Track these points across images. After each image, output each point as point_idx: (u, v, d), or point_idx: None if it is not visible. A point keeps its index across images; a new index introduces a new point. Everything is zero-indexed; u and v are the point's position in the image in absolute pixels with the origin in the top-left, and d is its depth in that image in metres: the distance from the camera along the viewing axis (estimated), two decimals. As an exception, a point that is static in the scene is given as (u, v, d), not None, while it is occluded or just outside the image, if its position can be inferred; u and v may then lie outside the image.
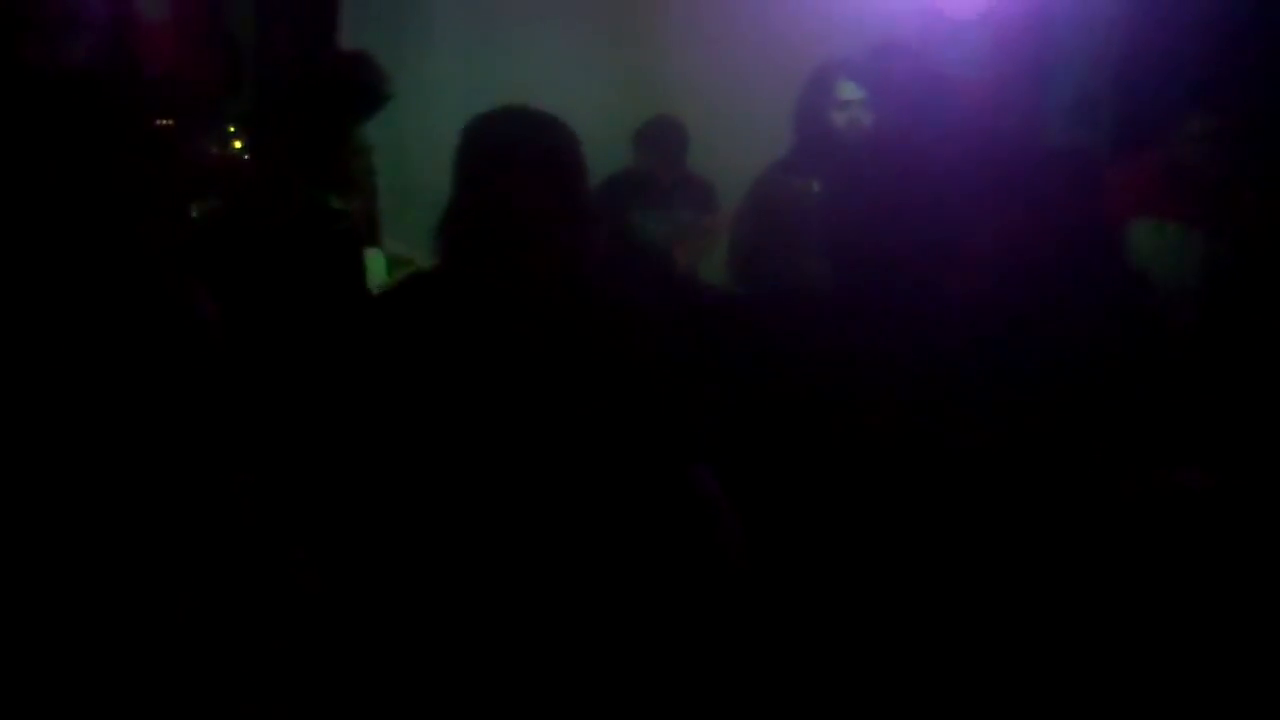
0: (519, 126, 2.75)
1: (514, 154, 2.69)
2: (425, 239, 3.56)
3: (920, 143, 4.11)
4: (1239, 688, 2.55)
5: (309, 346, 3.30)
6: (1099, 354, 3.24)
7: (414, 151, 4.99)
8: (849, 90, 4.31)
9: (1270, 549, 2.68)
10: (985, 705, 2.52)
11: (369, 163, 4.18)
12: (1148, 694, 2.55)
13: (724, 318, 3.37)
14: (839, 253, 3.18)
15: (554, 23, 6.03)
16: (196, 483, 2.52)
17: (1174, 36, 5.03)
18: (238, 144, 5.25)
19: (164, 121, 5.41)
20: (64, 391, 2.49)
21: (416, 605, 2.42)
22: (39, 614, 2.40)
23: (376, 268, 4.68)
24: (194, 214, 4.35)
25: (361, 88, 4.30)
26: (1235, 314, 3.86)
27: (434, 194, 4.98)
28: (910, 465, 2.64)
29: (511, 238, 2.60)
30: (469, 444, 2.44)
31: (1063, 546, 2.64)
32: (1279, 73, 4.67)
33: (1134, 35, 5.26)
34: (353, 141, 4.12)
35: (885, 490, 2.62)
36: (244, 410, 2.71)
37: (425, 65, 4.82)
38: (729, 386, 2.86)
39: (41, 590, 2.41)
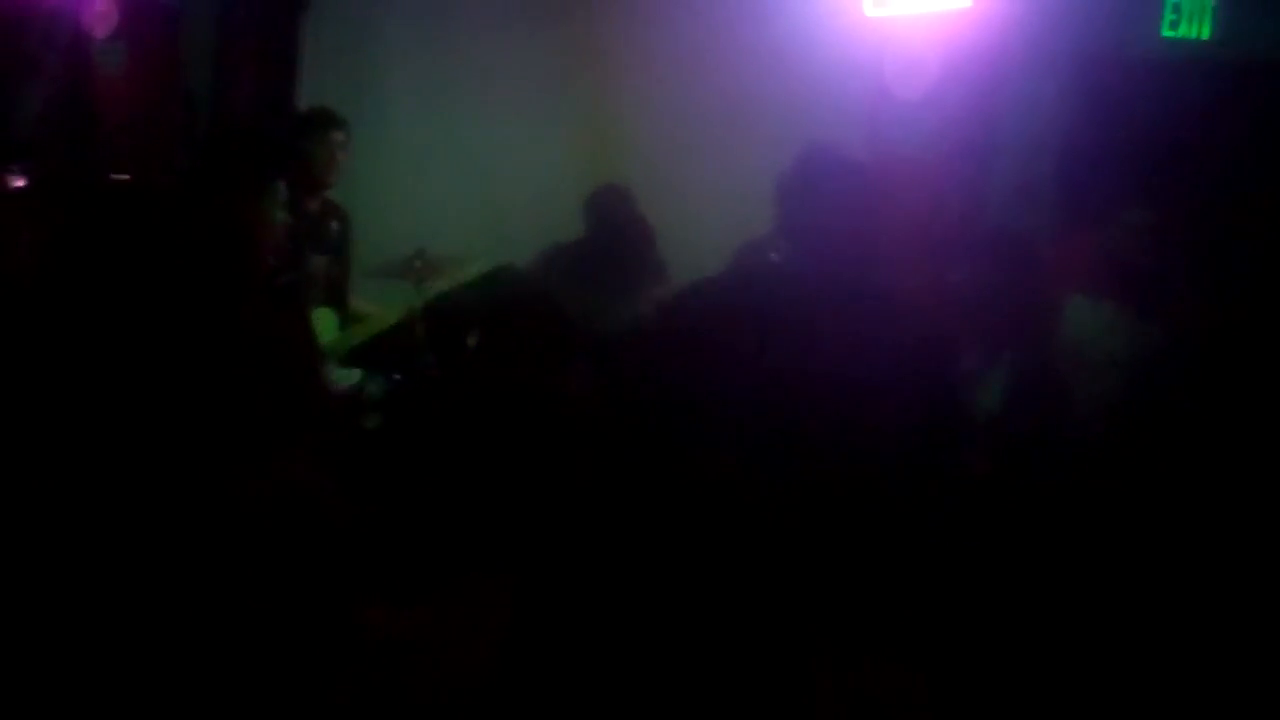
0: None
1: None
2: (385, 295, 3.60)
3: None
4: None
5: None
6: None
7: (368, 211, 5.03)
8: (836, 179, 4.28)
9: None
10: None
11: (285, 218, 4.21)
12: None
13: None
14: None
15: (517, 92, 6.10)
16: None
17: (1116, 127, 5.16)
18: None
19: (119, 176, 5.45)
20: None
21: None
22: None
23: (326, 326, 4.72)
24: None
25: (271, 144, 4.39)
26: (1161, 390, 3.96)
27: (385, 253, 5.06)
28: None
29: None
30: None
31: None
32: (1213, 175, 4.81)
33: (1077, 122, 5.39)
34: (270, 198, 4.16)
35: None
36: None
37: (381, 127, 4.86)
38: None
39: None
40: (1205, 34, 5.08)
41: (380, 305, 4.95)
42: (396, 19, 6.22)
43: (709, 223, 5.11)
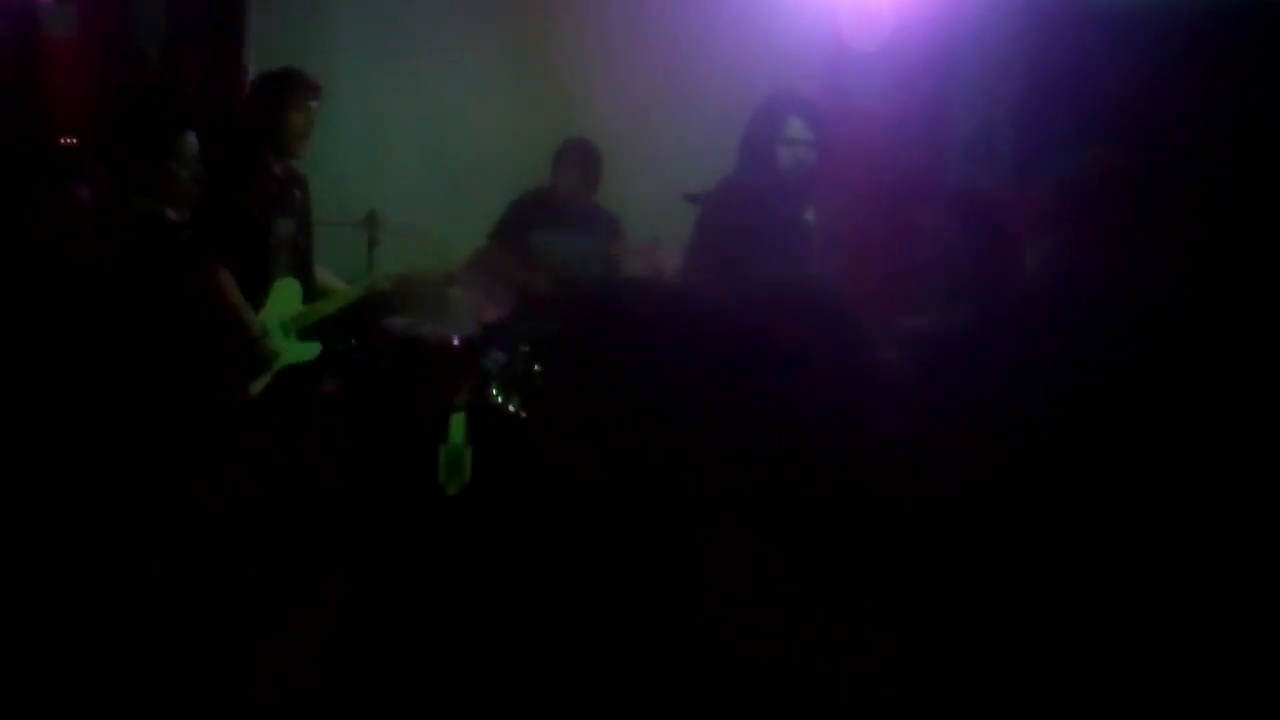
0: None
1: None
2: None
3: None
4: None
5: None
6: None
7: (320, 173, 4.98)
8: (798, 128, 4.28)
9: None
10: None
11: (197, 170, 4.17)
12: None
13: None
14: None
15: (472, 50, 6.05)
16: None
17: (1073, 71, 5.15)
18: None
19: (68, 139, 5.39)
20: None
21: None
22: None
23: (290, 297, 4.68)
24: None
25: (177, 99, 4.35)
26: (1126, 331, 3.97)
27: (338, 215, 5.03)
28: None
29: None
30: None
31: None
32: (1169, 110, 4.80)
33: (1034, 69, 5.38)
34: (179, 151, 4.12)
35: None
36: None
37: (333, 88, 4.80)
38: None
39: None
40: (1163, -26, 5.06)
41: (343, 281, 4.93)
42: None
43: (661, 176, 5.09)
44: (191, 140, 4.16)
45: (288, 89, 4.67)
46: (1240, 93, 4.93)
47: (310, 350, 4.74)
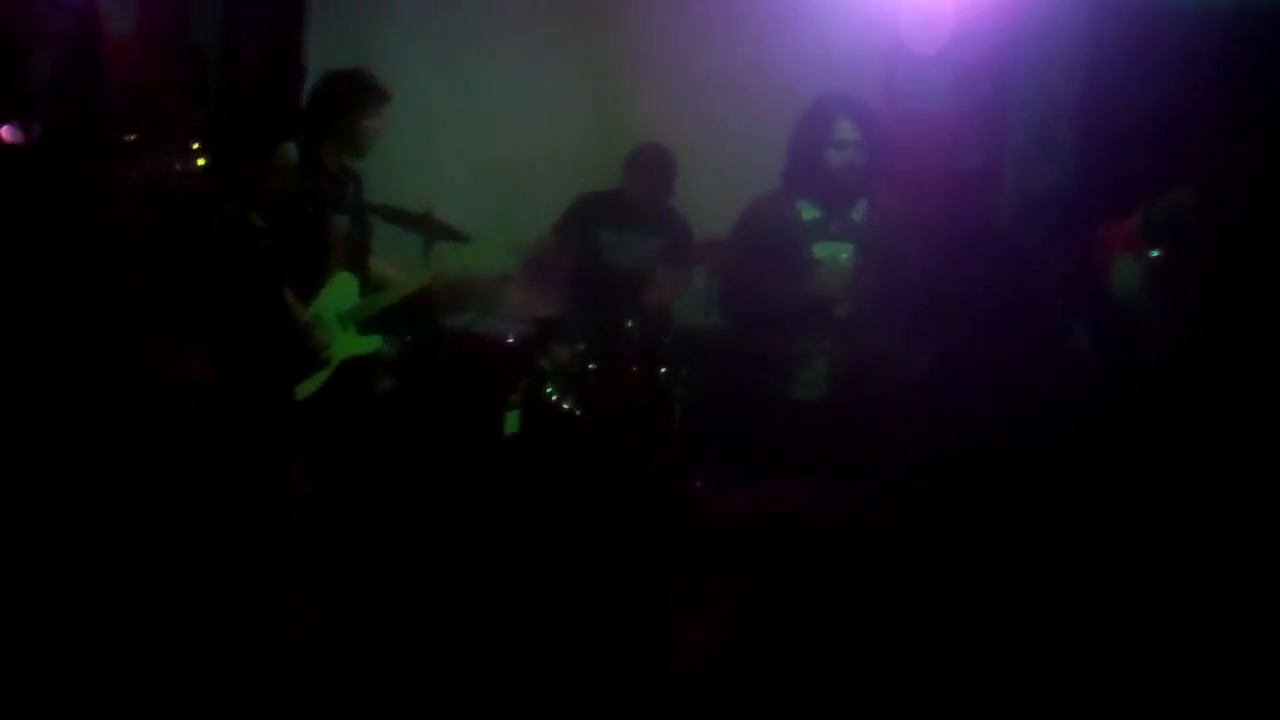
0: None
1: None
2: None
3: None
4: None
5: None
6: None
7: (379, 171, 4.99)
8: (846, 130, 4.27)
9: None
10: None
11: (292, 180, 4.19)
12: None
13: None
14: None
15: (527, 51, 6.06)
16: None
17: (1133, 74, 5.11)
18: (200, 160, 5.24)
19: (128, 136, 5.43)
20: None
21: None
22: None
23: (347, 291, 4.70)
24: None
25: (281, 106, 4.35)
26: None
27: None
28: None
29: None
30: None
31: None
32: (1244, 128, 4.76)
33: (1093, 75, 5.35)
34: (273, 159, 4.14)
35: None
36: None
37: (389, 86, 4.80)
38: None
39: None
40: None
41: (400, 270, 4.94)
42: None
43: (725, 176, 5.08)
44: (290, 151, 4.19)
45: (362, 94, 4.68)
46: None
47: (371, 343, 4.76)
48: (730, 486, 4.04)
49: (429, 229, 4.87)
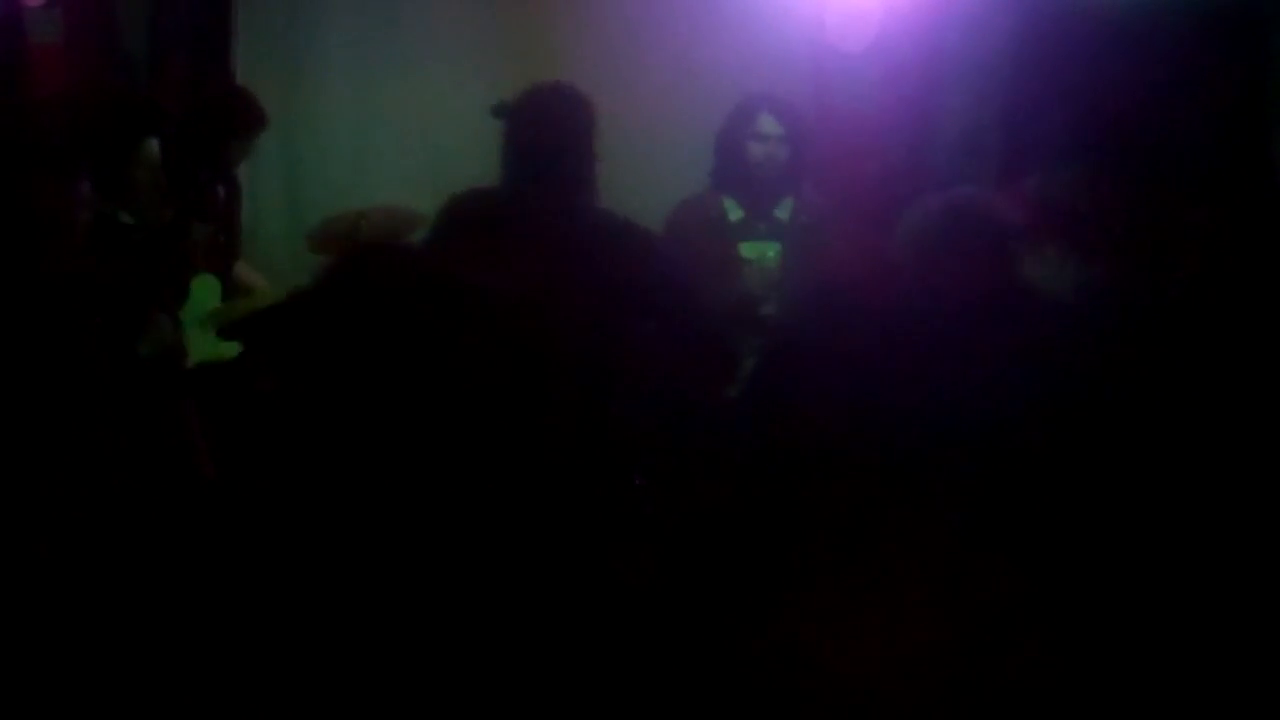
0: None
1: None
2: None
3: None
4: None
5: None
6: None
7: (307, 178, 4.98)
8: (769, 124, 4.33)
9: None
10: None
11: (158, 177, 4.18)
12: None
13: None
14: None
15: (455, 46, 6.03)
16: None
17: (1060, 73, 5.15)
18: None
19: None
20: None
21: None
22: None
23: (208, 293, 4.69)
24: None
25: (141, 104, 4.36)
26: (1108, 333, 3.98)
27: (330, 211, 5.00)
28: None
29: None
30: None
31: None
32: (1158, 114, 4.81)
33: (1021, 69, 5.38)
34: (139, 156, 4.13)
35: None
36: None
37: (319, 92, 4.79)
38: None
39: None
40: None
41: (264, 278, 4.92)
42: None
43: (647, 175, 5.08)
44: (152, 146, 4.17)
45: (239, 124, 4.75)
46: (1225, 93, 4.95)
47: (229, 349, 4.73)
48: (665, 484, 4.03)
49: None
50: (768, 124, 4.30)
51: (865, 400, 2.68)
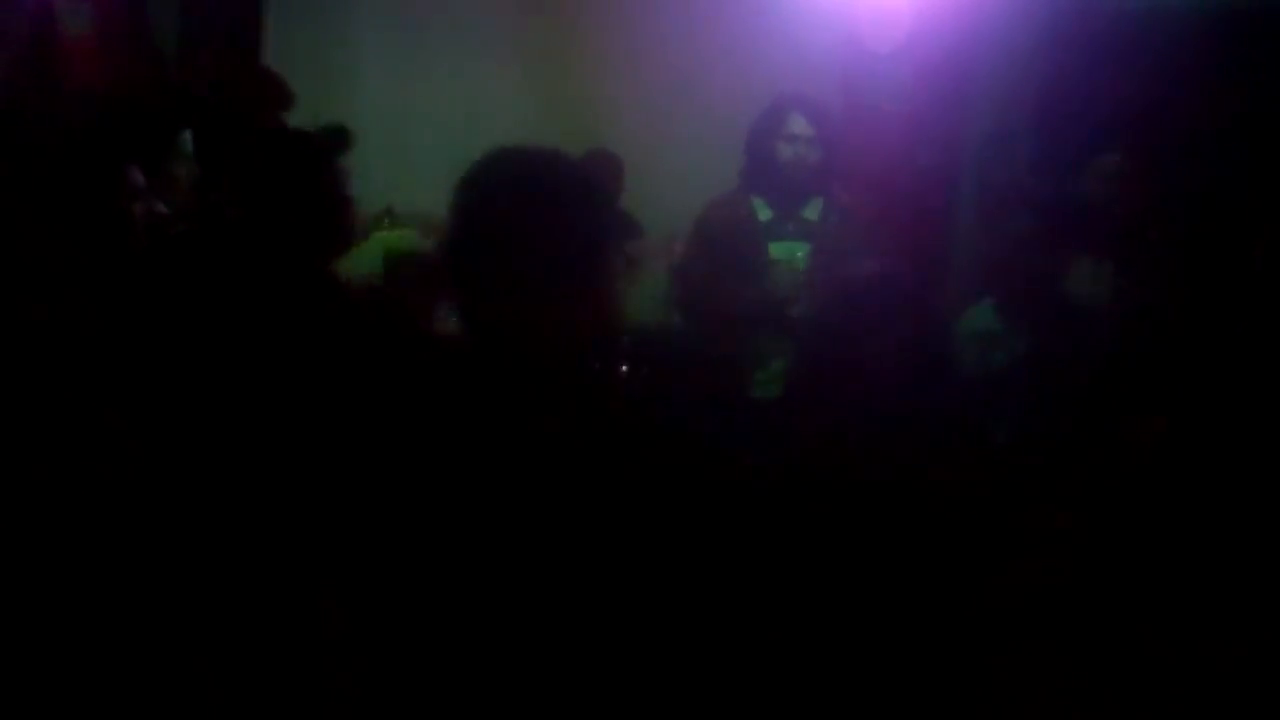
0: None
1: None
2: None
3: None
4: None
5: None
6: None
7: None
8: (799, 125, 4.31)
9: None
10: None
11: (192, 168, 4.22)
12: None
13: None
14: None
15: (481, 46, 6.05)
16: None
17: (1091, 73, 5.15)
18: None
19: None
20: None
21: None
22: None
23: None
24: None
25: (176, 98, 4.39)
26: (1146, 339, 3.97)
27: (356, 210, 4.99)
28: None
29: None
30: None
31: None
32: (1186, 116, 4.80)
33: (1052, 70, 5.38)
34: (175, 150, 4.17)
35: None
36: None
37: (351, 88, 4.80)
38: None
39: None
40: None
41: None
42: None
43: (679, 176, 5.09)
44: (185, 139, 4.21)
45: (264, 97, 4.78)
46: (1252, 95, 4.94)
47: None
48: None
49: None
50: (798, 124, 4.29)
51: (892, 400, 2.67)
